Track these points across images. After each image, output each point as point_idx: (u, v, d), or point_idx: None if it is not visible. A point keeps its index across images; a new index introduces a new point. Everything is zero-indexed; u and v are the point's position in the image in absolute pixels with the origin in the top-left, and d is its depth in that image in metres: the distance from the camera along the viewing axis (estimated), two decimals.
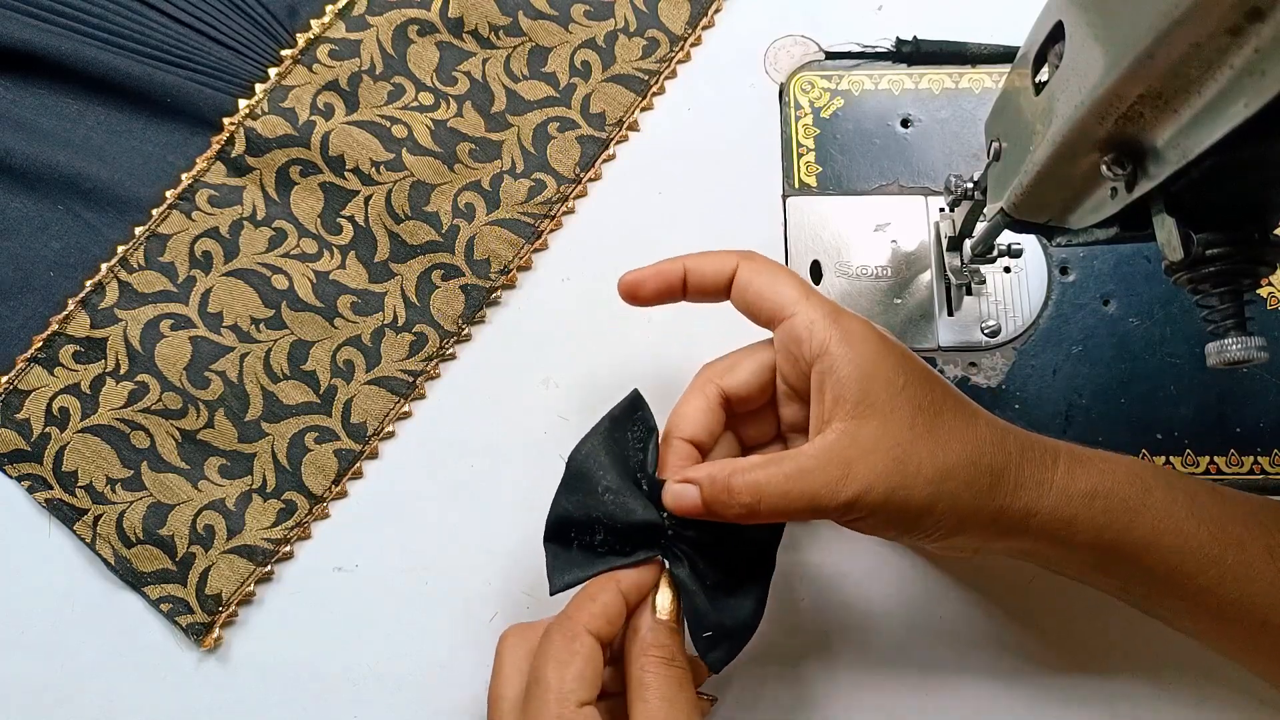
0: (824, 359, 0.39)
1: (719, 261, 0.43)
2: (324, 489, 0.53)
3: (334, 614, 0.51)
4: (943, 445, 0.38)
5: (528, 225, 0.56)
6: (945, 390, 0.41)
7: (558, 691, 0.37)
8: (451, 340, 0.55)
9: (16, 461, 0.53)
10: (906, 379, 0.39)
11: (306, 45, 0.59)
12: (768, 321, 0.42)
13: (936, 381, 0.41)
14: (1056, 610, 0.49)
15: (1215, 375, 0.52)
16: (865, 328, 0.40)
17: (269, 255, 0.56)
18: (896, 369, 0.39)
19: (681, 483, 0.40)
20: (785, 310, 0.41)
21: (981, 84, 0.58)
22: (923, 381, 0.40)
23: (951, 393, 0.41)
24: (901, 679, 0.49)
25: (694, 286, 0.44)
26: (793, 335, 0.40)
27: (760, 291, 0.42)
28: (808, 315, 0.40)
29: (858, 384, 0.38)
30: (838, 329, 0.40)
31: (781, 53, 0.59)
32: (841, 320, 0.40)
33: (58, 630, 0.51)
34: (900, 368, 0.39)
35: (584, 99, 0.59)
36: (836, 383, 0.39)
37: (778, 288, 0.42)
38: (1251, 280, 0.32)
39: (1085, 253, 0.55)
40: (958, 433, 0.39)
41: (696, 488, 0.39)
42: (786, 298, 0.41)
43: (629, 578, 0.40)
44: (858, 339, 0.39)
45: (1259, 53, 0.24)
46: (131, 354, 0.54)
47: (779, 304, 0.41)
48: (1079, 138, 0.32)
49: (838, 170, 0.57)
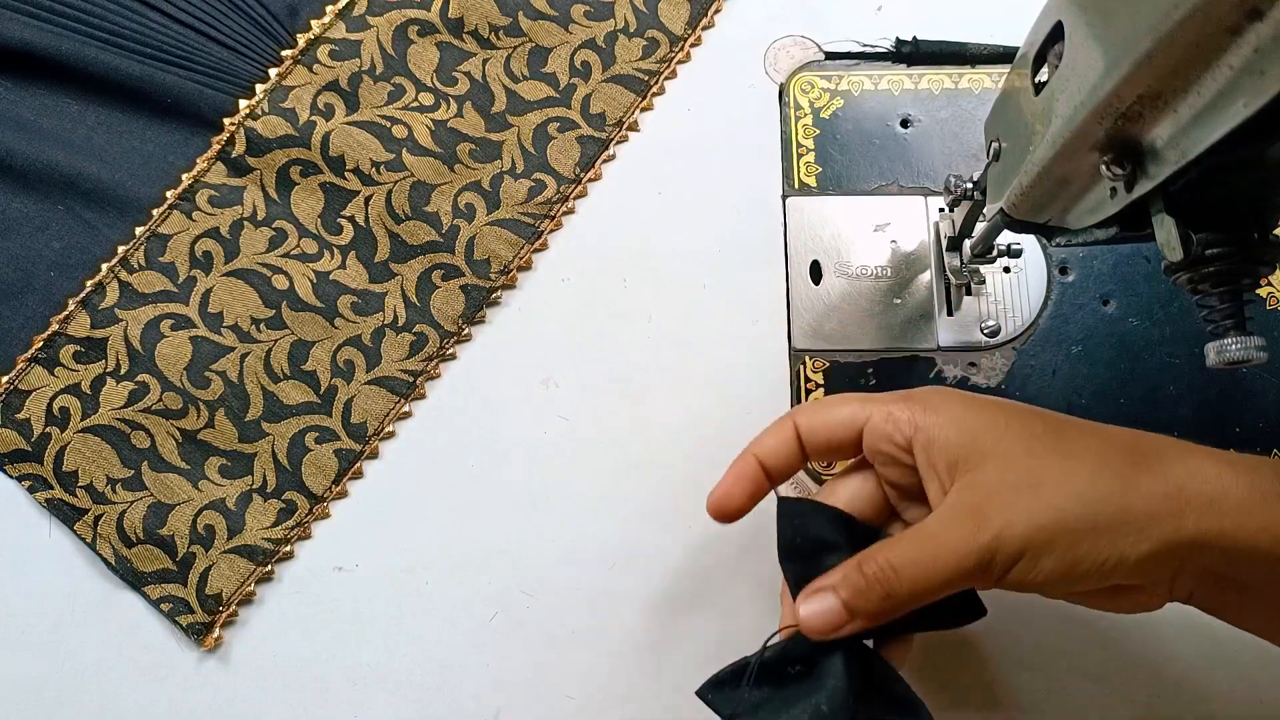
0: (918, 435, 0.37)
1: (778, 430, 0.41)
2: (324, 489, 0.53)
3: (334, 614, 0.51)
4: (1074, 456, 0.36)
5: (528, 225, 0.56)
6: (1054, 414, 0.38)
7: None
8: (451, 340, 0.55)
9: (17, 461, 0.53)
10: (1008, 416, 0.37)
11: (307, 45, 0.59)
12: (854, 446, 0.40)
13: (1041, 410, 0.38)
14: None
15: (1215, 375, 0.52)
16: (942, 392, 0.39)
17: (269, 255, 0.56)
18: (995, 411, 0.37)
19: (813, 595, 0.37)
20: (858, 420, 0.39)
21: (981, 84, 0.58)
22: (1027, 413, 0.38)
23: (1062, 415, 0.38)
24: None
25: (773, 469, 0.41)
26: (878, 435, 0.38)
27: (827, 424, 0.40)
28: (881, 410, 0.38)
29: (961, 439, 0.36)
30: (916, 403, 0.38)
31: (781, 53, 0.59)
32: (916, 395, 0.39)
33: (58, 630, 0.51)
34: (999, 409, 0.37)
35: (584, 99, 0.59)
36: (940, 449, 0.36)
37: (839, 410, 0.40)
38: (1251, 280, 0.32)
39: (1085, 253, 0.55)
40: (1084, 439, 0.36)
41: (832, 592, 0.36)
42: (853, 410, 0.39)
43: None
44: (941, 402, 0.38)
45: (1258, 52, 0.24)
46: (132, 354, 0.54)
47: (850, 421, 0.39)
48: (1078, 138, 0.32)
49: (837, 170, 0.57)
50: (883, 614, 0.36)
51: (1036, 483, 0.35)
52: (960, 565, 0.34)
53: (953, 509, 0.35)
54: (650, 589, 0.51)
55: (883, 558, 0.35)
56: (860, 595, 0.35)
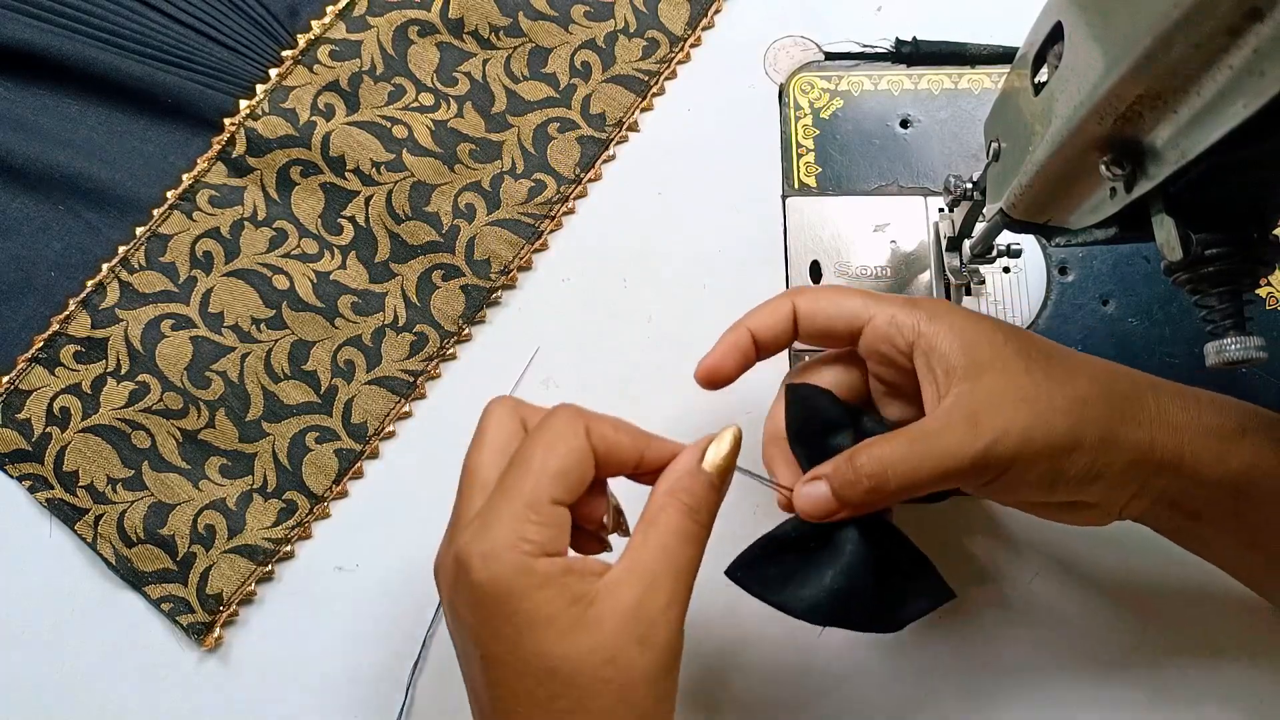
0: (920, 341, 0.38)
1: (775, 308, 0.42)
2: (325, 489, 0.53)
3: (334, 614, 0.51)
4: (1068, 378, 0.38)
5: (528, 225, 0.56)
6: (1046, 340, 0.40)
7: (538, 476, 0.34)
8: (452, 340, 0.55)
9: (17, 461, 0.53)
10: (1006, 334, 0.38)
11: (307, 46, 0.59)
12: (848, 338, 0.41)
13: (1035, 335, 0.40)
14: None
15: (1214, 375, 0.52)
16: (943, 303, 0.40)
17: (270, 255, 0.56)
18: (993, 328, 0.39)
19: (809, 483, 0.38)
20: (860, 318, 0.40)
21: (981, 84, 0.58)
22: (1022, 335, 0.39)
23: (1054, 343, 0.40)
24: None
25: (764, 343, 0.42)
26: (879, 336, 0.39)
27: (828, 313, 0.41)
28: (885, 312, 0.39)
29: (961, 350, 0.37)
30: (920, 311, 0.39)
31: (781, 53, 0.59)
32: (919, 303, 0.40)
33: (58, 630, 0.51)
34: (996, 326, 0.39)
35: (584, 99, 0.59)
36: (940, 357, 0.38)
37: (842, 303, 0.40)
38: (1250, 280, 0.32)
39: (1084, 253, 0.55)
40: (1078, 367, 0.38)
41: (824, 481, 0.38)
42: (856, 307, 0.40)
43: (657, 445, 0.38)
44: (944, 312, 0.39)
45: (1258, 53, 0.24)
46: (132, 354, 0.54)
47: (852, 316, 0.40)
48: (1078, 138, 0.32)
49: (837, 171, 0.57)
50: (869, 505, 0.37)
51: (1032, 398, 0.36)
52: (954, 466, 0.36)
53: (949, 412, 0.37)
54: None
55: (876, 452, 0.37)
56: (849, 486, 0.37)
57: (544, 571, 0.33)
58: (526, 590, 0.33)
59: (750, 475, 0.40)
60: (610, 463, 0.37)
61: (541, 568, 0.33)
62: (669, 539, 0.35)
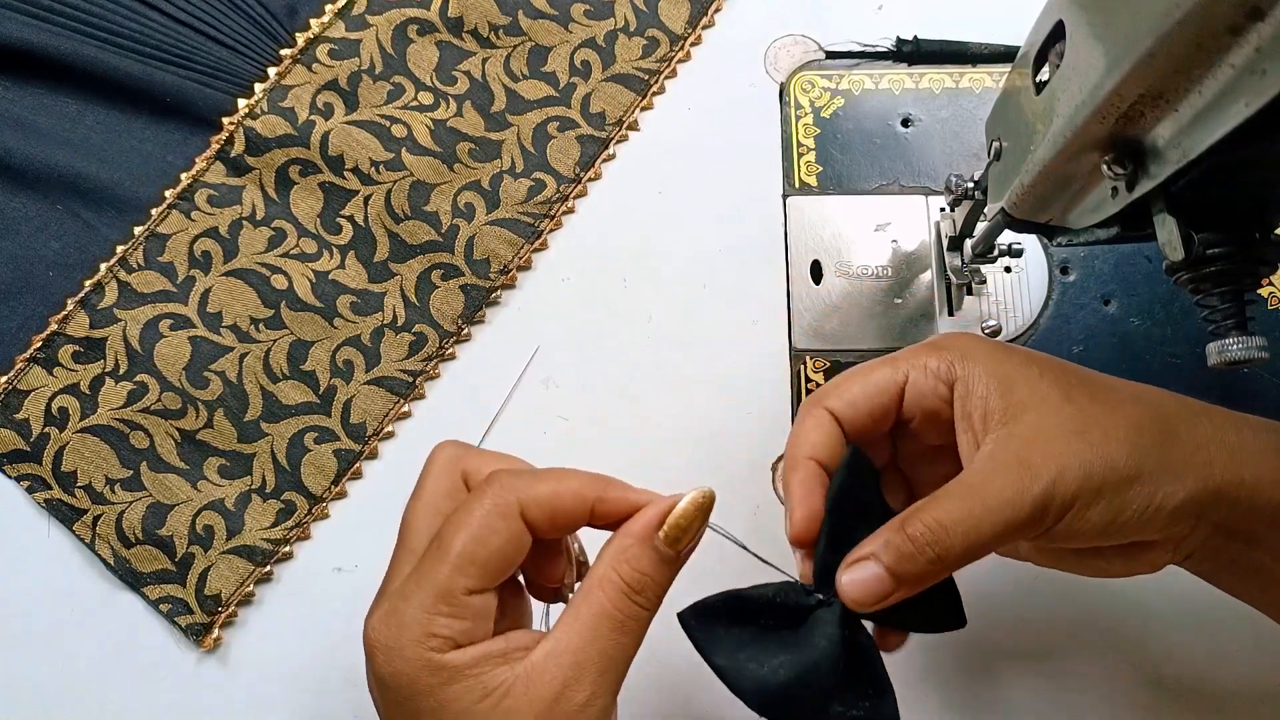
0: (958, 385, 0.36)
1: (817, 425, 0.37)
2: (323, 489, 0.53)
3: (334, 614, 0.51)
4: (1116, 405, 0.35)
5: (527, 225, 0.56)
6: (1082, 368, 0.37)
7: (454, 564, 0.31)
8: (451, 340, 0.55)
9: (16, 461, 0.53)
10: (1041, 366, 0.36)
11: (306, 45, 0.59)
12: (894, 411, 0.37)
13: (1069, 363, 0.38)
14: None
15: (1216, 375, 0.52)
16: (969, 337, 0.37)
17: (268, 255, 0.56)
18: (1026, 360, 0.36)
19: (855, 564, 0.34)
20: (896, 383, 0.37)
21: (982, 84, 0.58)
22: (1056, 364, 0.37)
23: (1090, 370, 0.38)
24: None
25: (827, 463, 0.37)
26: (922, 392, 0.37)
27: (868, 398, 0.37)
28: (916, 366, 0.37)
29: (998, 390, 0.35)
30: (949, 351, 0.36)
31: (782, 52, 0.59)
32: (945, 343, 0.37)
33: (58, 630, 0.51)
34: (1029, 359, 0.36)
35: (584, 98, 0.58)
36: (978, 400, 0.35)
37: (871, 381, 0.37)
38: (1252, 280, 0.32)
39: (1086, 252, 0.54)
40: (1121, 392, 0.36)
41: (874, 560, 0.33)
42: (885, 376, 0.37)
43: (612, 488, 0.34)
44: (974, 349, 0.36)
45: (1259, 52, 0.24)
46: (131, 354, 0.54)
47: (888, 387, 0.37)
48: (1080, 137, 0.32)
49: (838, 170, 0.57)
50: (931, 577, 0.33)
51: (1082, 429, 0.34)
52: (1015, 517, 0.32)
53: (993, 459, 0.34)
54: None
55: (929, 517, 0.33)
56: (906, 560, 0.33)
57: (453, 665, 0.31)
58: (431, 688, 0.31)
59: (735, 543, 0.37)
60: (557, 526, 0.34)
61: (451, 661, 0.31)
62: (600, 622, 0.32)
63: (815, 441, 0.36)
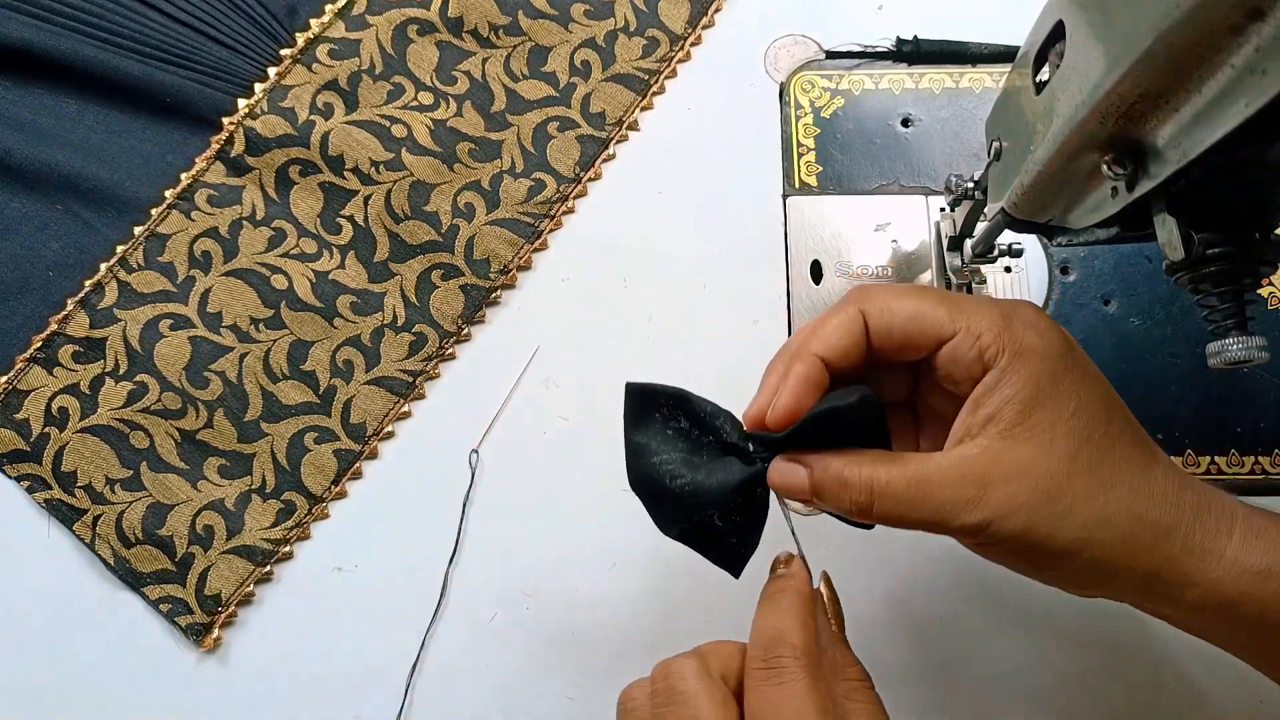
0: (990, 374, 0.35)
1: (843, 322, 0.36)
2: (323, 489, 0.53)
3: (334, 614, 0.51)
4: (1106, 487, 0.34)
5: (527, 225, 0.56)
6: (1124, 423, 0.35)
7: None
8: (451, 340, 0.55)
9: (16, 462, 0.53)
10: (1079, 404, 0.34)
11: (306, 45, 0.59)
12: (925, 350, 0.36)
13: (1115, 411, 0.35)
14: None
15: (1216, 375, 0.52)
16: (1042, 332, 0.35)
17: (268, 255, 0.56)
18: (1070, 391, 0.34)
19: (790, 462, 0.36)
20: (942, 331, 0.35)
21: (982, 84, 0.58)
22: (1098, 408, 0.35)
23: (1130, 428, 0.36)
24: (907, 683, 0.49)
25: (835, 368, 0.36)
26: (956, 359, 0.35)
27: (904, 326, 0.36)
28: (972, 328, 0.35)
29: (1020, 405, 0.34)
30: (1008, 341, 0.35)
31: (782, 52, 0.59)
32: (1014, 328, 0.35)
33: (58, 630, 0.51)
34: (1075, 390, 0.34)
35: (584, 98, 0.58)
36: (997, 400, 0.34)
37: (922, 311, 0.36)
38: (1252, 280, 0.32)
39: (1086, 252, 0.54)
40: (1128, 476, 0.34)
41: (806, 470, 0.35)
42: (940, 318, 0.35)
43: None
44: (1032, 353, 0.34)
45: (1259, 52, 0.24)
46: (131, 354, 0.54)
47: (933, 329, 0.35)
48: (1080, 137, 0.32)
49: (838, 170, 0.57)
50: (841, 512, 0.35)
51: (1055, 493, 0.33)
52: (937, 520, 0.34)
53: (962, 466, 0.34)
54: (650, 589, 0.51)
55: (870, 473, 0.34)
56: (828, 491, 0.35)
57: None
58: None
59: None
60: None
61: None
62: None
63: (829, 337, 0.36)
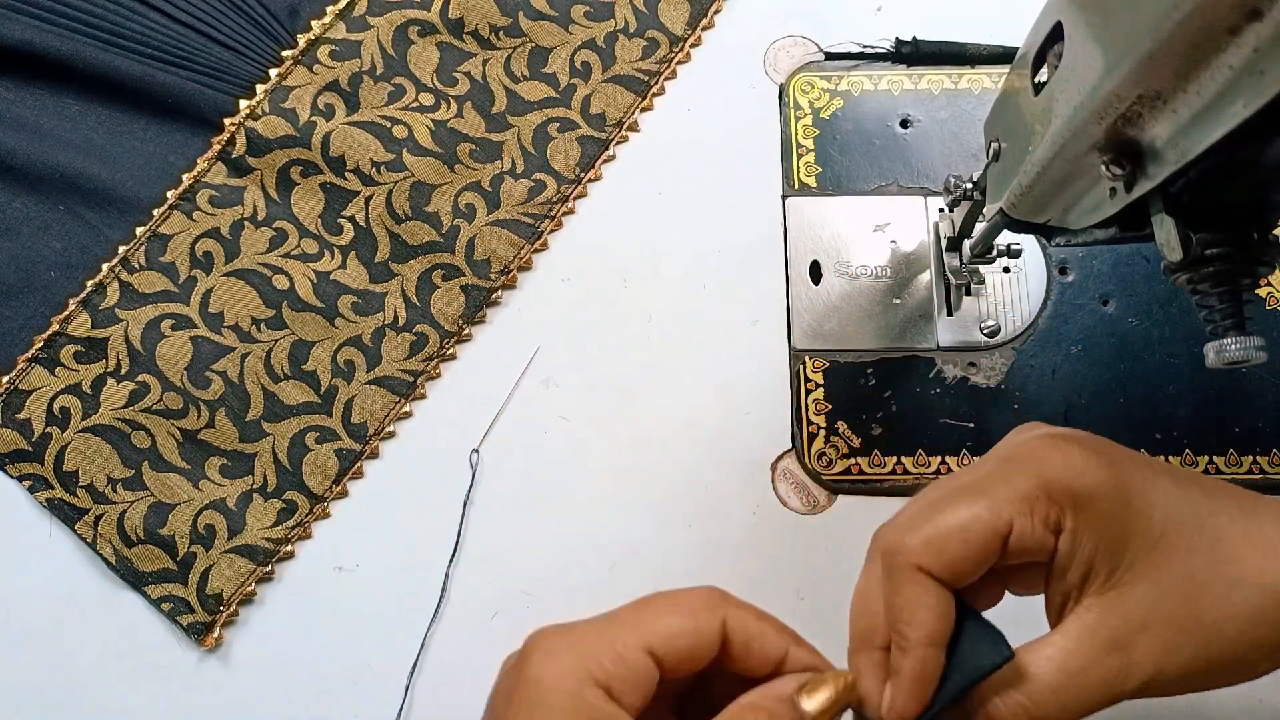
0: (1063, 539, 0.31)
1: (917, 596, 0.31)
2: (325, 489, 0.53)
3: (334, 614, 0.51)
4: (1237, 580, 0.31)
5: (528, 225, 0.56)
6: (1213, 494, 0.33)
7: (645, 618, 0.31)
8: (452, 340, 0.55)
9: (17, 461, 0.53)
10: (1165, 509, 0.31)
11: (307, 46, 0.59)
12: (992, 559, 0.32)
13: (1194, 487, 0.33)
14: None
15: (1214, 375, 0.52)
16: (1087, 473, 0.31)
17: (270, 255, 0.56)
18: (1147, 504, 0.31)
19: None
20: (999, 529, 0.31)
21: (981, 84, 0.58)
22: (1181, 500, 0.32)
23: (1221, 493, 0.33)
24: None
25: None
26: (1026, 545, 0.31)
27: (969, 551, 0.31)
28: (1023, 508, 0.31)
29: (1109, 548, 0.31)
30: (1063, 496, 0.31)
31: (781, 53, 0.59)
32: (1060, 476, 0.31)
33: (58, 630, 0.51)
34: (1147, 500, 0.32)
35: (584, 99, 0.59)
36: (1083, 559, 0.31)
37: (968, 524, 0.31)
38: (1250, 280, 0.32)
39: (1084, 253, 0.55)
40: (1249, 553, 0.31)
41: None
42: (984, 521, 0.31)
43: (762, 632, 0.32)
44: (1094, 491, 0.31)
45: (1258, 52, 0.24)
46: (132, 354, 0.54)
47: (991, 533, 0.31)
48: (1078, 138, 0.32)
49: (837, 171, 0.57)
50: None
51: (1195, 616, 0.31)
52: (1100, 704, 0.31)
53: (1089, 639, 0.31)
54: (650, 589, 0.51)
55: (1016, 701, 0.31)
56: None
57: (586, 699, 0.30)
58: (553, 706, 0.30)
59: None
60: (750, 653, 0.32)
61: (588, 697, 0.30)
62: None
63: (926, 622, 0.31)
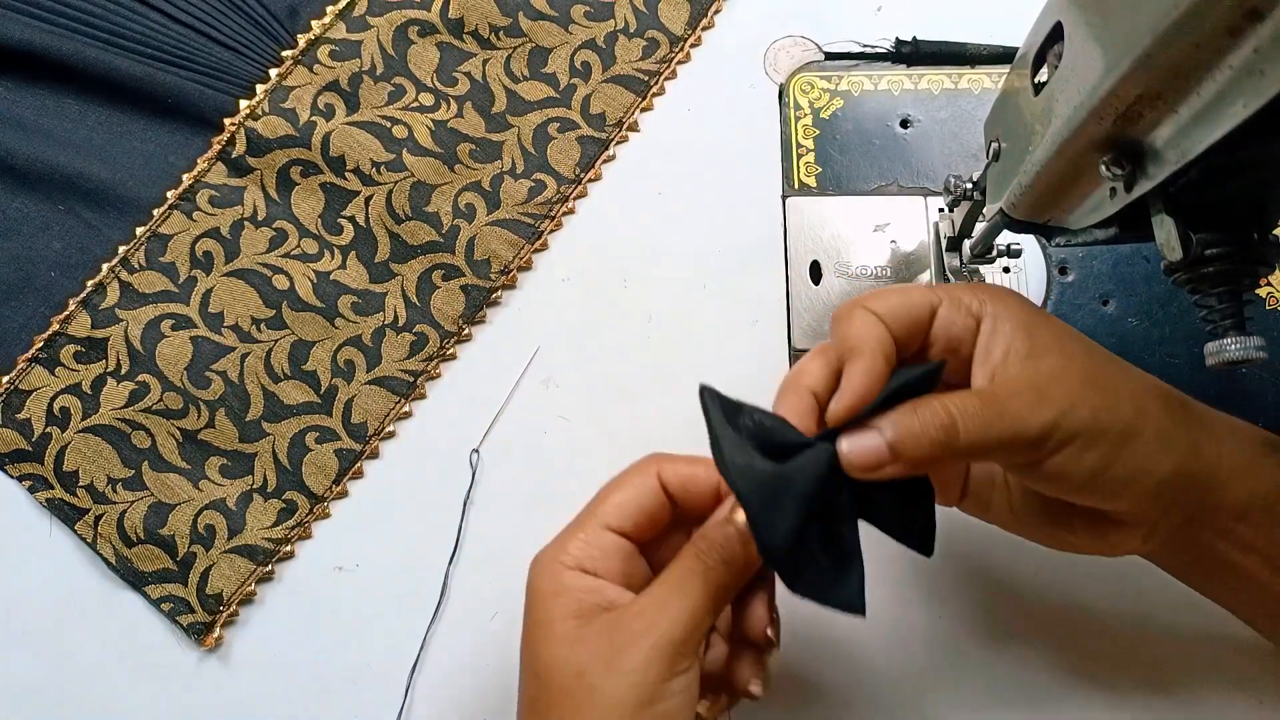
0: (984, 322, 0.37)
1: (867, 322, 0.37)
2: (325, 489, 0.53)
3: (334, 614, 0.51)
4: (1127, 372, 0.37)
5: (528, 225, 0.56)
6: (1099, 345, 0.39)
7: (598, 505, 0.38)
8: (452, 340, 0.55)
9: (17, 461, 0.53)
10: (1065, 326, 0.38)
11: (307, 46, 0.59)
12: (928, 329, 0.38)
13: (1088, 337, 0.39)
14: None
15: (1214, 375, 0.52)
16: (1006, 290, 0.39)
17: (270, 255, 0.56)
18: (1052, 319, 0.38)
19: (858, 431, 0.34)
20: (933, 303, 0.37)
21: (981, 84, 0.58)
22: (1079, 333, 0.38)
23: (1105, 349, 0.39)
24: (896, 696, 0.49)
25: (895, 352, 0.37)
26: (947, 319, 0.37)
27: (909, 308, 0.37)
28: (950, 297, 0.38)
29: (1025, 332, 0.36)
30: (984, 292, 0.38)
31: (781, 53, 0.59)
32: (982, 288, 0.38)
33: (58, 630, 0.51)
34: (1054, 320, 0.38)
35: (584, 99, 0.59)
36: (1002, 338, 0.36)
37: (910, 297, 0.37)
38: (1250, 280, 0.32)
39: (1084, 253, 0.55)
40: (1133, 369, 0.38)
41: (878, 432, 0.34)
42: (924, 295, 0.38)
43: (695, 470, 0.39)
44: (1009, 298, 0.38)
45: (1258, 52, 0.24)
46: (132, 354, 0.54)
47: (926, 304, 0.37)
48: (1078, 138, 0.32)
49: (837, 171, 0.57)
50: (927, 461, 0.34)
51: (1098, 382, 0.36)
52: (1021, 432, 0.34)
53: (1014, 382, 0.35)
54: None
55: (942, 403, 0.34)
56: (911, 437, 0.33)
57: (565, 582, 0.37)
58: (545, 595, 0.37)
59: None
60: (689, 494, 0.39)
61: (566, 579, 0.37)
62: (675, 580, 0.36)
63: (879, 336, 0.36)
